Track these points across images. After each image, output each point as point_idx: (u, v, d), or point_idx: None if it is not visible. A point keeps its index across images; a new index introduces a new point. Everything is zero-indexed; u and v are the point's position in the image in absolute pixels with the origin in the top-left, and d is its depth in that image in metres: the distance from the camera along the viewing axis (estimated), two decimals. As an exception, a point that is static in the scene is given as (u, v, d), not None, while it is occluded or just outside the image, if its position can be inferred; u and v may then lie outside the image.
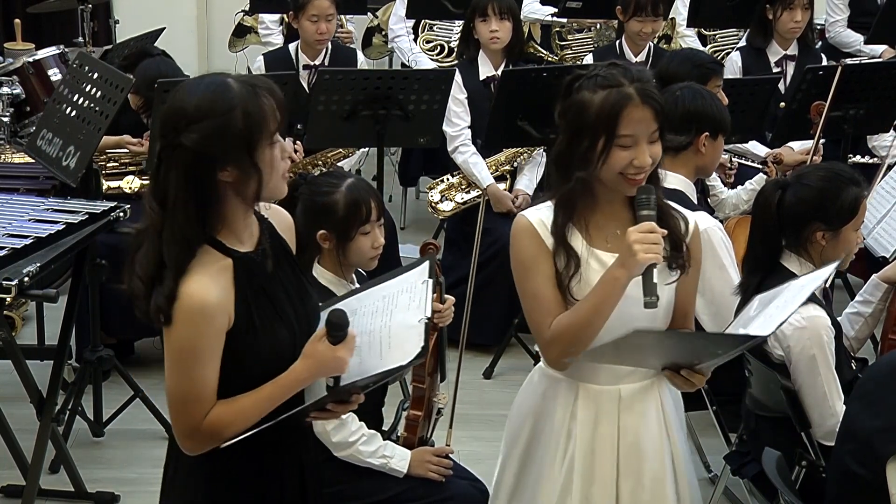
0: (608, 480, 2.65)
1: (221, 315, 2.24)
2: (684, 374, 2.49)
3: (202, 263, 2.24)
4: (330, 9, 5.25)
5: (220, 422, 2.25)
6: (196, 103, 2.21)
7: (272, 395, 2.27)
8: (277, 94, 2.27)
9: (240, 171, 2.22)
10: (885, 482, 2.53)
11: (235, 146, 2.20)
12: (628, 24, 5.45)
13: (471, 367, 4.79)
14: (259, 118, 2.21)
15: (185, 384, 2.24)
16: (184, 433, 2.28)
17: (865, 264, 4.39)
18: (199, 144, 2.18)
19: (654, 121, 2.47)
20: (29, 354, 4.05)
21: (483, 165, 5.18)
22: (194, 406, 2.25)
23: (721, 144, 3.67)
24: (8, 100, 5.34)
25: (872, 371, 2.77)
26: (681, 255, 2.57)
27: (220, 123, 2.19)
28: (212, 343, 2.23)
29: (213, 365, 2.25)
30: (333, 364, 2.27)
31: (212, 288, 2.22)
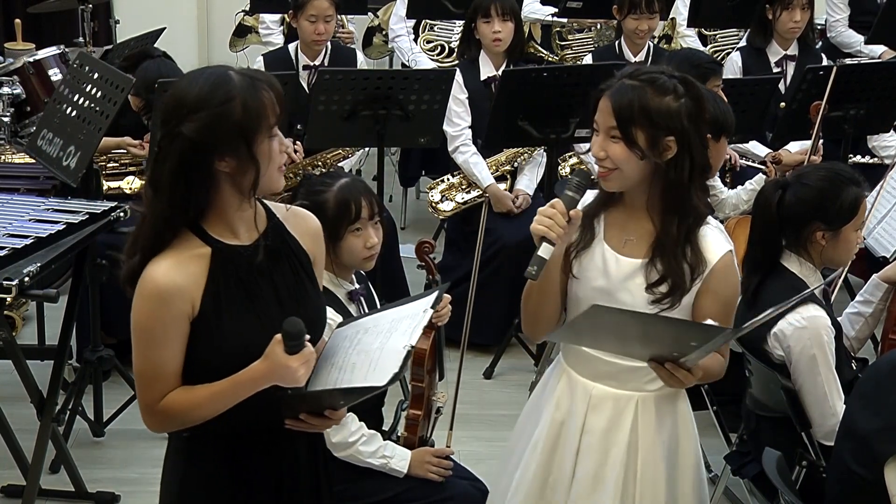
0: (565, 472, 2.66)
1: (181, 301, 2.25)
2: (668, 367, 2.47)
3: (175, 249, 2.27)
4: (329, 10, 5.26)
5: (175, 407, 2.29)
6: (196, 93, 2.23)
7: (227, 391, 2.27)
8: (277, 88, 2.29)
9: (237, 162, 2.23)
10: (884, 482, 2.53)
11: (233, 136, 2.21)
12: (624, 22, 5.44)
13: (471, 367, 4.79)
14: (258, 110, 2.23)
15: (142, 363, 2.29)
16: (142, 409, 2.32)
17: (866, 264, 4.39)
18: (197, 133, 2.20)
19: (610, 115, 2.47)
20: (29, 354, 4.05)
21: (483, 165, 5.18)
22: (151, 384, 2.28)
23: (724, 145, 3.66)
24: (8, 100, 5.34)
25: (872, 371, 2.77)
26: (675, 296, 2.52)
27: (219, 113, 2.21)
28: (167, 327, 2.25)
29: (171, 347, 2.27)
30: (283, 372, 2.24)
31: (174, 274, 2.24)
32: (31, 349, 4.52)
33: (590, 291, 2.58)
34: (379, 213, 3.14)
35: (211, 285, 2.28)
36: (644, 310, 2.52)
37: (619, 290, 2.56)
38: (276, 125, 2.27)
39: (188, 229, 2.29)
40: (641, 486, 2.65)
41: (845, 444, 2.70)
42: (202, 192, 2.26)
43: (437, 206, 5.27)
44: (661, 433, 2.66)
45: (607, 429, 2.64)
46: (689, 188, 2.50)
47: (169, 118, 2.24)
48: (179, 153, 2.22)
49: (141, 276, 2.26)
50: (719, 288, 2.56)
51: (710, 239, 2.56)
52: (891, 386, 2.60)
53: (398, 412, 3.44)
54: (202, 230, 2.30)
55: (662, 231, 2.53)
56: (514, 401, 4.54)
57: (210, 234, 2.30)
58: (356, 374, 2.31)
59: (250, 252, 2.32)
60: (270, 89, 2.27)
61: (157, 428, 2.35)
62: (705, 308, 2.55)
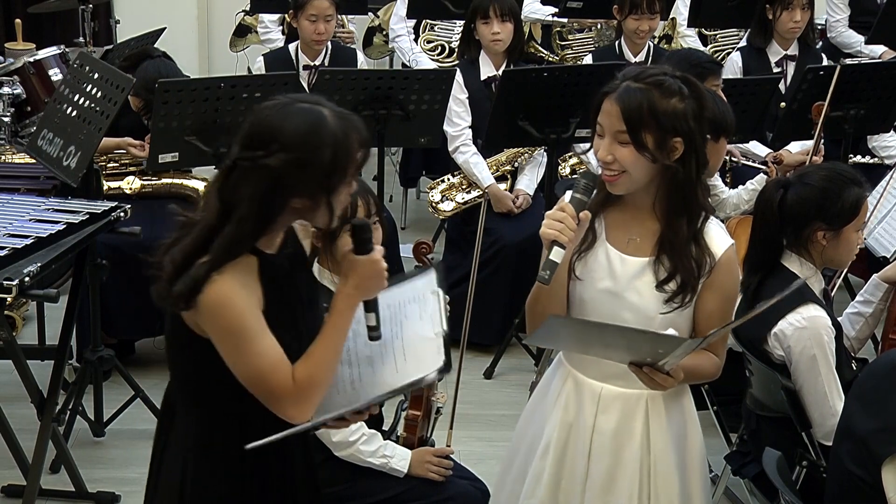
0: (578, 475, 2.65)
1: (252, 297, 2.26)
2: (647, 370, 2.48)
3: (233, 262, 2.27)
4: (329, 9, 5.26)
5: (308, 375, 2.27)
6: (292, 130, 2.23)
7: (331, 326, 2.29)
8: (364, 133, 2.31)
9: (312, 204, 2.26)
10: (882, 483, 2.53)
11: (316, 182, 2.24)
12: (625, 22, 5.44)
13: (471, 367, 4.79)
14: (345, 160, 2.26)
15: (255, 361, 2.26)
16: (282, 403, 2.27)
17: (866, 264, 4.39)
18: (283, 170, 2.21)
19: (619, 120, 2.46)
20: (30, 354, 4.05)
21: (484, 165, 5.18)
22: (274, 376, 2.26)
23: (724, 145, 3.65)
24: (9, 100, 5.34)
25: (869, 371, 2.76)
26: (685, 293, 2.54)
27: (309, 158, 2.22)
28: (254, 320, 2.25)
29: (269, 335, 2.26)
30: (370, 272, 2.28)
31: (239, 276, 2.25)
32: (32, 349, 4.52)
33: (596, 293, 2.58)
34: (377, 212, 3.13)
35: (263, 288, 2.29)
36: (656, 310, 2.54)
37: (627, 290, 2.56)
38: (357, 173, 2.30)
39: None
40: (655, 483, 2.65)
41: (843, 444, 2.69)
42: (275, 226, 2.29)
43: (438, 206, 5.27)
44: (671, 429, 2.66)
45: (618, 429, 2.63)
46: (695, 187, 2.52)
47: (256, 144, 2.23)
48: (261, 183, 2.22)
49: (208, 291, 2.22)
50: (722, 283, 2.57)
51: (713, 234, 2.58)
52: (888, 386, 2.60)
53: (398, 412, 3.44)
54: None
55: (669, 230, 2.53)
56: (514, 401, 4.54)
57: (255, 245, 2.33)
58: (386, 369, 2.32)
59: (280, 261, 2.35)
60: (359, 134, 2.29)
61: (307, 409, 2.28)
62: (708, 303, 2.56)
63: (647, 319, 2.56)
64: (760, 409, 3.29)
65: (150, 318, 4.68)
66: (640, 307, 2.55)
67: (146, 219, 4.38)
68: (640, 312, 2.55)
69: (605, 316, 2.54)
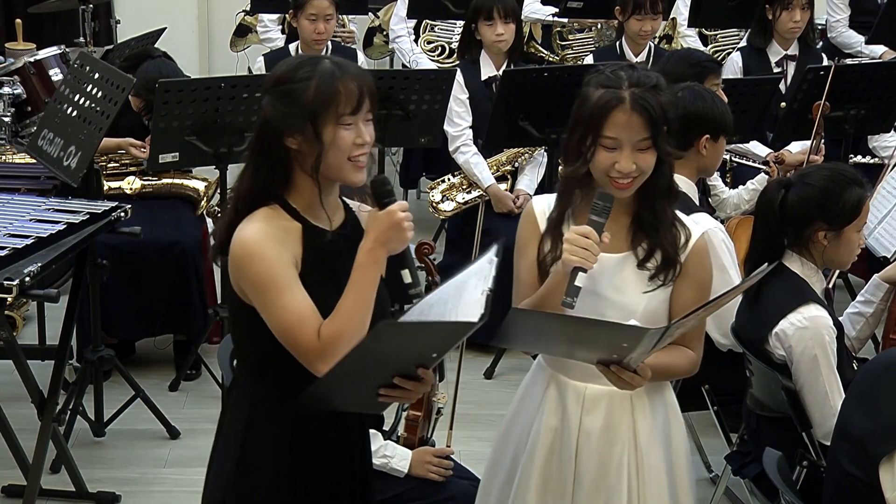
0: (565, 479, 2.65)
1: (286, 249, 2.31)
2: (614, 369, 2.47)
3: (268, 217, 2.34)
4: (329, 9, 5.27)
5: (334, 331, 2.28)
6: (283, 69, 2.37)
7: (356, 282, 2.30)
8: (366, 81, 2.35)
9: (304, 141, 2.31)
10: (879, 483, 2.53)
11: (301, 114, 2.29)
12: (628, 23, 5.44)
13: (471, 367, 4.79)
14: (330, 94, 2.29)
15: (280, 314, 2.29)
16: (309, 356, 2.30)
17: (866, 264, 4.39)
18: (271, 106, 2.32)
19: (643, 128, 2.46)
20: (30, 354, 4.05)
21: (484, 166, 5.18)
22: (301, 330, 2.29)
23: (722, 145, 3.66)
24: (9, 100, 5.34)
25: (866, 371, 2.76)
26: (668, 269, 2.56)
27: (293, 90, 2.31)
28: (283, 271, 2.30)
29: (298, 288, 2.30)
30: (389, 226, 2.29)
31: (268, 230, 2.31)
32: (32, 349, 4.52)
33: None
34: None
35: (306, 256, 2.34)
36: (638, 304, 2.55)
37: (607, 288, 2.55)
38: (351, 114, 2.31)
39: (278, 206, 2.35)
40: (644, 478, 2.64)
41: (840, 445, 2.69)
42: (278, 168, 2.34)
43: (438, 206, 5.27)
44: (657, 424, 2.67)
45: (605, 427, 2.63)
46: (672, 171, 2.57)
47: (262, 90, 2.38)
48: (259, 126, 2.35)
49: (233, 241, 2.31)
50: (696, 272, 2.59)
51: (684, 218, 2.63)
52: (884, 386, 2.60)
53: (398, 412, 3.44)
54: (291, 207, 2.37)
55: (651, 213, 2.55)
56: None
57: (298, 211, 2.37)
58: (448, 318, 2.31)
59: (334, 238, 2.38)
60: (356, 80, 2.32)
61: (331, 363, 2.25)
62: (683, 294, 2.58)
63: (631, 313, 2.56)
64: (761, 409, 3.29)
65: (151, 318, 4.69)
66: (621, 304, 2.55)
67: (146, 219, 4.38)
68: (622, 309, 2.55)
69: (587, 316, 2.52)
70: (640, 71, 2.54)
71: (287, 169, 2.35)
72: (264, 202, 2.35)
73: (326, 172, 2.34)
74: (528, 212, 2.66)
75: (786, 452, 2.97)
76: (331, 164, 2.33)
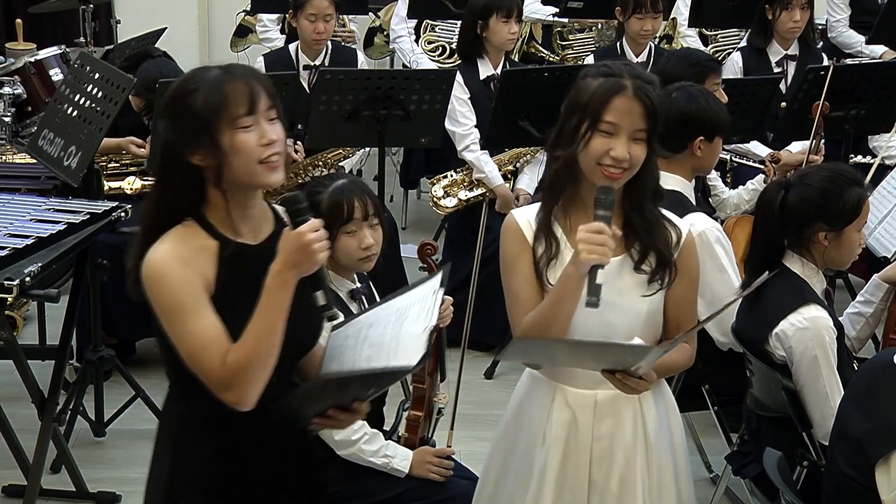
0: (581, 485, 2.65)
1: (195, 271, 2.25)
2: (619, 376, 2.48)
3: (179, 237, 2.27)
4: (328, 9, 5.27)
5: (239, 359, 2.21)
6: (171, 88, 2.30)
7: (265, 307, 2.22)
8: (257, 79, 2.28)
9: (207, 154, 2.24)
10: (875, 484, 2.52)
11: (195, 128, 2.23)
12: (628, 23, 5.44)
13: (472, 367, 4.79)
14: (219, 101, 2.23)
15: (185, 340, 2.24)
16: (215, 385, 2.24)
17: (866, 264, 4.39)
18: (167, 129, 2.27)
19: (641, 118, 2.47)
20: (30, 354, 4.05)
21: (493, 165, 5.18)
22: (205, 357, 2.23)
23: (718, 145, 3.65)
24: (9, 100, 5.34)
25: (864, 371, 2.76)
26: (664, 270, 2.56)
27: (182, 105, 2.25)
28: (188, 295, 2.23)
29: (205, 313, 2.23)
30: (297, 247, 2.20)
31: (181, 251, 2.25)
32: (32, 349, 4.52)
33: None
34: (377, 214, 3.13)
35: (221, 274, 2.27)
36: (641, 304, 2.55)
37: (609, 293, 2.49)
38: (246, 115, 2.23)
39: (194, 222, 2.29)
40: (658, 473, 2.67)
41: (838, 446, 2.69)
42: (188, 188, 2.28)
43: (439, 202, 5.25)
44: (661, 419, 2.70)
45: (618, 430, 2.64)
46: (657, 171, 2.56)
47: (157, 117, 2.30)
48: (161, 150, 2.29)
49: (144, 265, 2.25)
50: (687, 267, 2.61)
51: (672, 216, 2.63)
52: (880, 387, 2.59)
53: (399, 412, 3.44)
54: (209, 224, 2.30)
55: (638, 214, 2.55)
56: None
57: (217, 229, 2.30)
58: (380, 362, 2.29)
59: (257, 252, 2.31)
60: (247, 80, 2.25)
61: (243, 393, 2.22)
62: (675, 289, 2.59)
63: (635, 316, 2.57)
64: (761, 409, 3.29)
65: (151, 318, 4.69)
66: (624, 307, 2.55)
67: (147, 219, 4.37)
68: (626, 313, 2.56)
69: (592, 323, 2.52)
70: (639, 69, 2.56)
71: (198, 187, 2.28)
72: (175, 222, 2.28)
73: (239, 180, 2.26)
74: (511, 226, 2.61)
75: (786, 452, 2.97)
76: (239, 170, 2.24)
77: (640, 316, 2.57)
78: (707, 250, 3.45)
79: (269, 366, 2.23)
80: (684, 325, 2.62)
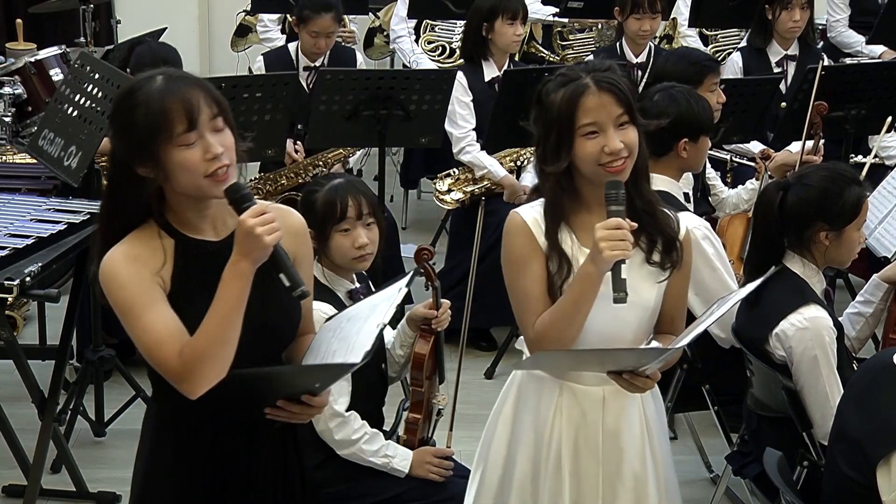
0: (593, 482, 2.66)
1: (148, 269, 2.25)
2: (626, 377, 2.50)
3: (135, 237, 2.28)
4: (332, 27, 5.29)
5: (194, 349, 2.21)
6: (117, 98, 2.28)
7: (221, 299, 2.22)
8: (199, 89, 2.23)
9: (153, 168, 2.23)
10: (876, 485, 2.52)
11: (138, 145, 2.21)
12: (626, 22, 5.44)
13: (472, 367, 4.79)
14: (157, 118, 2.19)
15: (140, 335, 2.25)
16: (173, 378, 2.25)
17: (866, 264, 4.39)
18: (113, 140, 2.27)
19: (616, 105, 2.47)
20: (30, 354, 4.05)
21: (493, 159, 5.17)
22: (161, 350, 2.23)
23: (704, 144, 3.65)
24: (9, 100, 5.33)
25: (863, 372, 2.75)
26: (672, 252, 2.59)
27: (125, 123, 2.23)
28: (142, 293, 2.24)
29: (158, 309, 2.24)
30: (242, 235, 2.18)
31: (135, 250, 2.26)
32: (33, 349, 4.52)
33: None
34: (372, 213, 3.13)
35: (178, 271, 2.28)
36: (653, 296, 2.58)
37: None
38: (186, 133, 2.19)
39: (154, 222, 2.30)
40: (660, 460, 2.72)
41: (837, 446, 2.69)
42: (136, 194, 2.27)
43: (444, 198, 5.23)
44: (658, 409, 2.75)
45: (626, 424, 2.66)
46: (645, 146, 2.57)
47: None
48: (109, 158, 2.31)
49: (100, 268, 2.27)
50: (685, 259, 2.63)
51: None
52: (879, 388, 2.59)
53: (399, 412, 3.44)
54: (168, 224, 2.31)
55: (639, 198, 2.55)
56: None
57: (175, 227, 2.31)
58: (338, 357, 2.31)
59: (216, 248, 2.31)
60: (186, 94, 2.20)
61: (199, 385, 2.21)
62: (672, 281, 2.61)
63: (644, 310, 2.59)
64: (761, 409, 3.29)
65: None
66: (638, 302, 2.55)
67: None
68: (638, 306, 2.57)
69: (608, 320, 2.53)
70: (594, 62, 2.58)
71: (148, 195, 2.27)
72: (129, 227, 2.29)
73: (186, 193, 2.25)
74: (520, 225, 2.59)
75: (786, 452, 2.97)
76: (186, 185, 2.23)
77: (648, 310, 2.60)
78: (696, 248, 3.45)
79: (226, 356, 2.22)
80: (676, 318, 2.67)
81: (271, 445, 2.45)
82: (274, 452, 2.46)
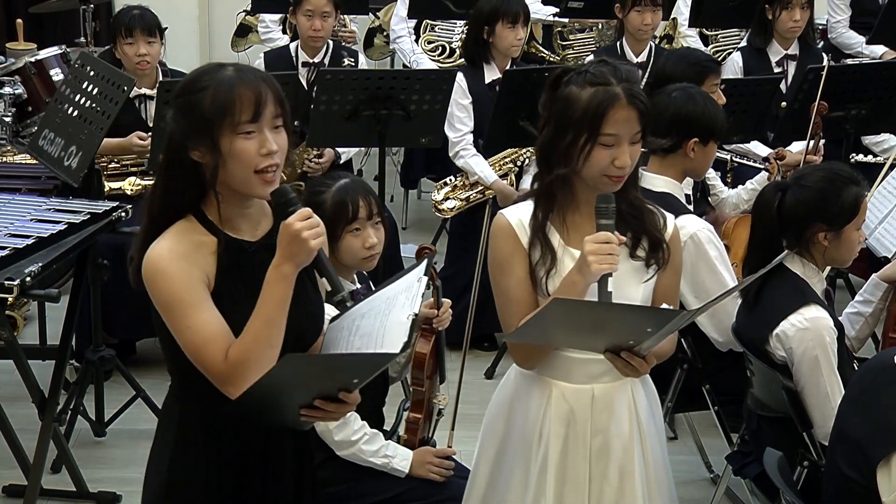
0: (581, 480, 2.66)
1: (196, 266, 2.25)
2: (624, 356, 2.49)
3: (179, 232, 2.28)
4: (326, 6, 5.28)
5: (240, 352, 2.23)
6: (186, 80, 2.29)
7: (266, 301, 2.23)
8: (267, 86, 2.26)
9: (206, 153, 2.24)
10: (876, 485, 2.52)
11: (199, 126, 2.22)
12: (627, 18, 5.43)
13: (472, 367, 4.79)
14: (225, 103, 2.22)
15: (187, 335, 2.25)
16: (217, 379, 2.26)
17: (866, 264, 4.39)
18: (173, 119, 2.26)
19: (637, 122, 2.48)
20: (31, 354, 4.05)
21: (485, 164, 5.17)
22: (208, 351, 2.24)
23: (712, 150, 3.64)
24: (10, 100, 5.34)
25: (862, 372, 2.75)
26: (658, 252, 2.58)
27: (191, 101, 2.24)
28: (189, 290, 2.24)
29: (206, 308, 2.24)
30: (289, 239, 2.20)
31: (182, 247, 2.25)
32: (33, 349, 4.52)
33: None
34: (379, 213, 3.13)
35: (220, 271, 2.28)
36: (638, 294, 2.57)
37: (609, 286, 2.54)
38: (250, 122, 2.22)
39: (194, 218, 2.30)
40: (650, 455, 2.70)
41: (837, 447, 2.69)
42: (189, 182, 2.27)
43: (441, 206, 5.25)
44: (651, 407, 2.74)
45: (615, 422, 2.65)
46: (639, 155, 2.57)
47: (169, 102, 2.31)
48: (166, 140, 2.29)
49: (144, 260, 2.26)
50: (674, 257, 2.62)
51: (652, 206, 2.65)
52: (879, 388, 2.59)
53: (399, 412, 3.44)
54: (209, 221, 2.31)
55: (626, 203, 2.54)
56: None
57: (215, 225, 2.31)
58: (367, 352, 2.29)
59: (255, 249, 2.32)
60: (258, 86, 2.24)
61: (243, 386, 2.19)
62: (661, 279, 2.60)
63: None
64: (761, 409, 3.29)
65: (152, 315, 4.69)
66: (622, 298, 2.53)
67: (147, 219, 4.37)
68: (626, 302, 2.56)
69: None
70: (621, 66, 2.54)
71: (198, 182, 2.27)
72: (178, 217, 2.29)
73: (233, 185, 2.26)
74: (504, 227, 2.59)
75: (786, 452, 2.97)
76: (235, 176, 2.24)
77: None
78: (699, 251, 3.45)
79: (270, 359, 2.23)
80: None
81: (293, 444, 2.46)
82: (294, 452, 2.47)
